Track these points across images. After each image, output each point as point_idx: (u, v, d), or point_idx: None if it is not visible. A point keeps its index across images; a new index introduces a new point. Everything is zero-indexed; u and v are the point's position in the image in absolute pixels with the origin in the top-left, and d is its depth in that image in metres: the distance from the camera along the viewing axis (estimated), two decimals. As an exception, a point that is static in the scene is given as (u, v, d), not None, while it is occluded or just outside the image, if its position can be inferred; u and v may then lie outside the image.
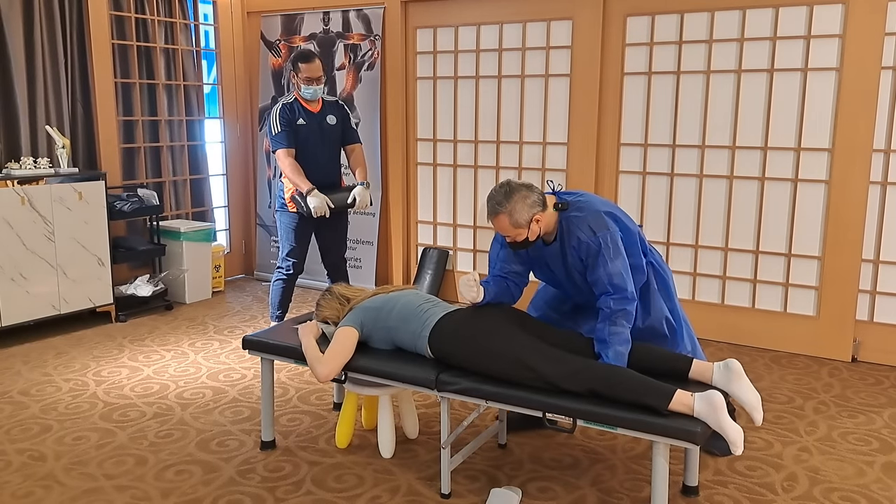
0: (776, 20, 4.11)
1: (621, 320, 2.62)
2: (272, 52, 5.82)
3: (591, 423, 2.40)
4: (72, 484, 2.80)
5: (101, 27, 5.00)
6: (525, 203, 2.61)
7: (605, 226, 2.66)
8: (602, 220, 2.67)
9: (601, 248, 2.63)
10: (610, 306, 2.63)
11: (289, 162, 3.98)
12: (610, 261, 2.63)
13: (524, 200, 2.61)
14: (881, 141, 3.94)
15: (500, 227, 2.68)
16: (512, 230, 2.64)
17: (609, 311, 2.63)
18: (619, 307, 2.62)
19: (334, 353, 2.77)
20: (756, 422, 2.44)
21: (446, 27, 5.14)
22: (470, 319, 2.71)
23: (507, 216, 2.62)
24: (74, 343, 4.45)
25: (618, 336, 2.60)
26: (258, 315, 5.04)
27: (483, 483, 2.80)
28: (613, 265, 2.63)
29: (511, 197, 2.61)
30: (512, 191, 2.62)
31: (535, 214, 2.63)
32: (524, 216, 2.61)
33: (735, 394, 2.46)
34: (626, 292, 2.63)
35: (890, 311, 4.07)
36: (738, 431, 2.28)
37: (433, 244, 5.47)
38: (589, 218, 2.68)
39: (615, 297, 2.63)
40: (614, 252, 2.64)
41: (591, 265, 2.67)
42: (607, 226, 2.66)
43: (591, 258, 2.66)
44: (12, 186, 4.32)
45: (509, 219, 2.62)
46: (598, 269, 2.64)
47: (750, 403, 2.43)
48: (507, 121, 5.02)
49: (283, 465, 2.95)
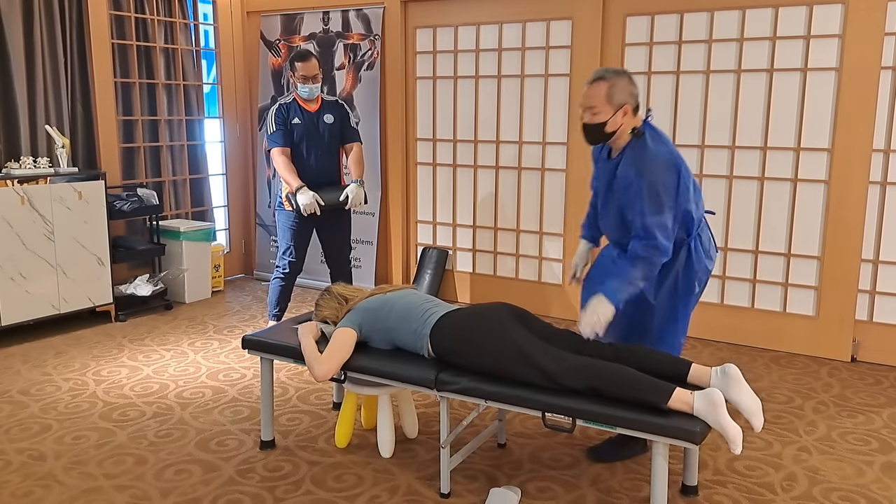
0: (776, 20, 4.11)
1: (641, 266, 2.56)
2: (272, 51, 5.82)
3: (591, 422, 2.40)
4: (71, 483, 2.80)
5: (101, 27, 5.00)
6: (627, 89, 2.61)
7: (654, 171, 2.57)
8: (656, 165, 2.59)
9: (641, 193, 2.56)
10: (637, 251, 2.57)
11: (282, 160, 4.03)
12: (648, 208, 2.55)
13: (629, 86, 2.61)
14: (881, 141, 3.94)
15: (591, 95, 2.63)
16: (601, 103, 2.60)
17: (633, 255, 2.58)
18: (645, 254, 2.56)
19: (332, 353, 2.77)
20: (755, 428, 2.38)
21: (446, 27, 5.14)
22: (472, 317, 2.72)
23: (606, 85, 2.60)
24: (74, 342, 4.45)
25: (627, 276, 2.57)
26: (258, 315, 5.04)
27: (482, 483, 2.80)
28: (651, 213, 2.55)
29: (620, 75, 2.62)
30: (624, 73, 2.62)
31: (628, 104, 2.61)
32: (621, 96, 2.60)
33: (733, 399, 2.39)
34: (656, 241, 2.55)
35: (889, 311, 4.07)
36: (738, 430, 2.28)
37: (433, 244, 5.48)
38: (647, 156, 2.60)
39: (644, 243, 2.57)
40: (655, 202, 2.55)
41: (629, 205, 2.61)
42: (656, 172, 2.57)
43: (629, 198, 2.60)
44: (12, 186, 4.32)
45: (607, 89, 2.59)
46: (636, 211, 2.58)
47: (748, 409, 2.37)
48: (507, 120, 5.02)
49: (283, 464, 2.95)
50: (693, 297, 2.81)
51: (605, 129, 2.65)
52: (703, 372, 2.49)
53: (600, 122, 2.64)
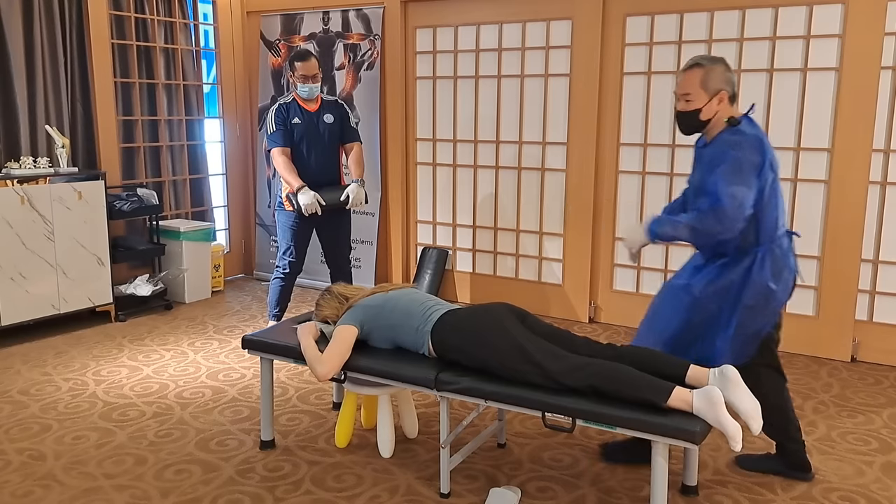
0: (776, 20, 4.11)
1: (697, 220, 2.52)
2: (272, 51, 5.82)
3: (591, 422, 2.40)
4: (71, 483, 2.80)
5: (101, 27, 5.00)
6: (724, 76, 2.58)
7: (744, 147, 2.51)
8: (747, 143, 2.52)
9: (726, 160, 2.50)
10: (700, 207, 2.54)
11: (282, 160, 4.03)
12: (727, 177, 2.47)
13: (725, 73, 2.59)
14: (880, 141, 3.94)
15: (685, 82, 2.60)
16: (696, 89, 2.58)
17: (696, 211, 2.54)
18: (705, 215, 2.50)
19: (333, 351, 2.77)
20: (753, 431, 2.34)
21: (446, 27, 5.14)
22: (473, 315, 2.72)
23: (702, 72, 2.58)
24: (74, 342, 4.45)
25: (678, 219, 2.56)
26: (258, 315, 5.04)
27: (482, 483, 2.80)
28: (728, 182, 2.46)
29: (716, 61, 2.59)
30: (720, 59, 2.61)
31: (724, 92, 2.58)
32: (716, 83, 2.57)
33: (731, 401, 2.35)
34: (724, 209, 2.46)
35: (889, 311, 4.07)
36: (738, 427, 2.27)
37: (432, 244, 5.48)
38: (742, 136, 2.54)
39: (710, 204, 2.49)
40: (737, 173, 2.47)
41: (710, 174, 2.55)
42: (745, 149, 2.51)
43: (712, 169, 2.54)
44: (12, 186, 4.32)
45: (702, 75, 2.57)
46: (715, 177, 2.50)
47: (746, 412, 2.33)
48: (507, 120, 5.02)
49: (283, 464, 2.95)
50: (746, 310, 2.61)
51: (700, 116, 2.61)
52: (701, 373, 2.46)
53: (694, 110, 2.60)
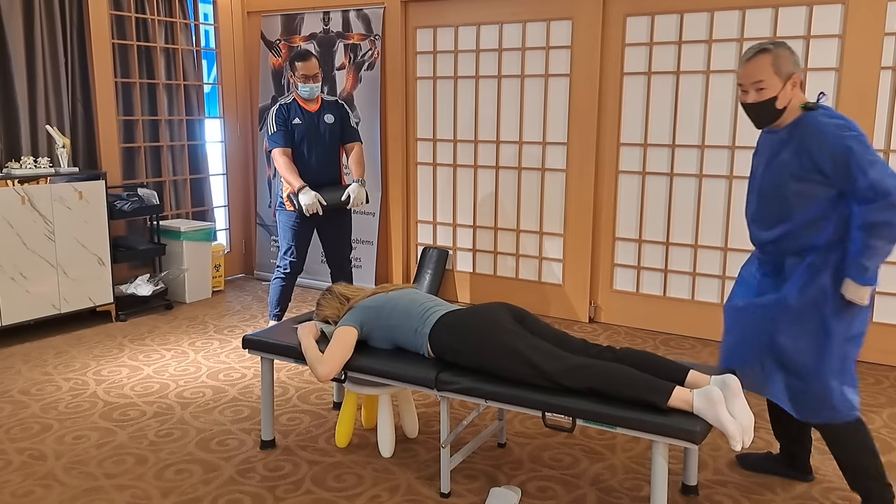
0: (776, 20, 4.11)
1: (882, 232, 2.25)
2: (272, 51, 5.83)
3: (591, 422, 2.40)
4: (72, 483, 2.81)
5: (102, 27, 5.00)
6: (792, 58, 2.37)
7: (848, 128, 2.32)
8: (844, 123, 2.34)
9: (851, 150, 2.27)
10: (870, 217, 2.26)
11: (283, 161, 4.03)
12: (867, 164, 2.25)
13: (793, 56, 2.38)
14: (881, 141, 3.94)
15: (755, 70, 2.37)
16: (769, 75, 2.35)
17: (868, 223, 2.27)
18: (882, 218, 2.25)
19: (334, 352, 2.77)
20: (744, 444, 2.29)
21: (446, 27, 5.15)
22: (471, 316, 2.72)
23: (771, 56, 2.35)
24: (74, 342, 4.45)
25: (872, 251, 2.27)
26: (258, 314, 5.05)
27: (482, 482, 2.80)
28: (871, 168, 2.25)
29: (781, 45, 2.37)
30: (783, 43, 2.39)
31: (797, 75, 2.36)
32: (788, 66, 2.35)
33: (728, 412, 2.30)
34: (892, 197, 2.22)
35: (889, 311, 4.07)
36: (738, 427, 2.27)
37: (433, 244, 5.48)
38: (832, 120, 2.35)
39: (877, 206, 2.25)
40: (869, 153, 2.27)
41: (843, 174, 2.30)
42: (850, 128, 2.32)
43: (839, 166, 2.29)
44: (12, 186, 4.32)
45: (773, 59, 2.35)
46: (853, 173, 2.27)
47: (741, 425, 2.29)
48: (507, 121, 5.02)
49: (283, 464, 2.96)
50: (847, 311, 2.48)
51: (776, 104, 2.38)
52: (701, 379, 2.43)
53: (770, 98, 2.38)
